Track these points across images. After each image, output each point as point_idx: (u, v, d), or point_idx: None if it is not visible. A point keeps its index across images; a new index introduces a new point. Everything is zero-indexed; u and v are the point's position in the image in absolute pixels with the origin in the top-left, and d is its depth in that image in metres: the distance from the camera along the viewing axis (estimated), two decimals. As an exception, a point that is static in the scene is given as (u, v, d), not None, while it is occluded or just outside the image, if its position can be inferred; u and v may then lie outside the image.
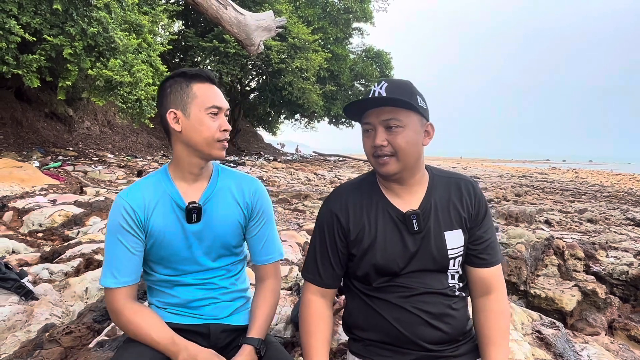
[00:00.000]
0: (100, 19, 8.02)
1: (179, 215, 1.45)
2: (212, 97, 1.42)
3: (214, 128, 1.41)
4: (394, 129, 1.32)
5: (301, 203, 7.41)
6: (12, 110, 11.69)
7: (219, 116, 1.44)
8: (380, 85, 1.34)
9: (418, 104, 1.33)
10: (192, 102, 1.40)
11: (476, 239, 1.43)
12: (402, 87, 1.34)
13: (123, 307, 1.37)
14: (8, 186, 6.17)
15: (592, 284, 3.44)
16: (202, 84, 1.42)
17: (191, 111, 1.40)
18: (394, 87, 1.33)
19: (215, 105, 1.42)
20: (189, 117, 1.41)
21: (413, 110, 1.32)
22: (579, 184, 18.70)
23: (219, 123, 1.43)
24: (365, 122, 1.37)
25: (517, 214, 6.43)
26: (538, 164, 62.08)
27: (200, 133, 1.40)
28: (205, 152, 1.43)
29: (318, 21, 23.01)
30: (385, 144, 1.32)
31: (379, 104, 1.32)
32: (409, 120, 1.33)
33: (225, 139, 1.45)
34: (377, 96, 1.31)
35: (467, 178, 1.50)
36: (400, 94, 1.31)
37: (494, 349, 1.37)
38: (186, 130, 1.41)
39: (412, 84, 1.37)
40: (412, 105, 1.30)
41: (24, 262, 3.17)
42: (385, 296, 1.40)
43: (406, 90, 1.33)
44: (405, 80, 1.37)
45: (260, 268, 1.60)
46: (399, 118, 1.31)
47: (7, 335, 2.00)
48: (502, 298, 1.44)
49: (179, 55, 22.09)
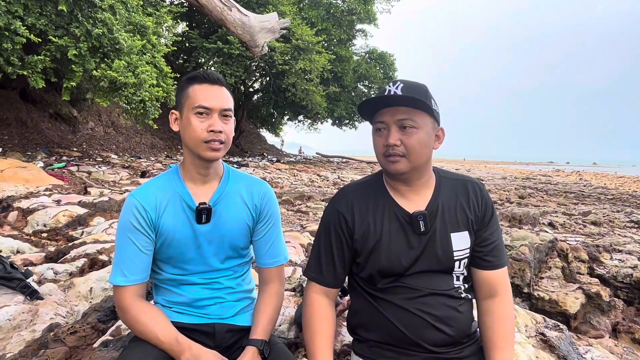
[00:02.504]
0: (105, 20, 8.05)
1: (189, 215, 1.46)
2: (202, 97, 1.40)
3: (200, 129, 1.40)
4: (408, 129, 1.32)
5: (304, 204, 7.41)
6: (17, 111, 11.72)
7: (210, 116, 1.41)
8: (396, 85, 1.33)
9: (432, 107, 1.33)
10: (185, 103, 1.42)
11: (482, 241, 1.44)
12: (418, 89, 1.34)
13: (130, 305, 1.38)
14: (13, 186, 6.19)
15: (596, 287, 3.43)
16: (199, 85, 1.42)
17: (184, 112, 1.43)
18: (410, 88, 1.33)
19: (201, 105, 1.39)
20: (182, 117, 1.44)
21: (428, 112, 1.33)
22: (582, 187, 18.62)
23: (209, 123, 1.40)
24: (379, 120, 1.37)
25: (521, 216, 6.41)
26: (542, 166, 61.92)
27: (188, 133, 1.41)
28: (195, 153, 1.43)
29: (322, 23, 23.01)
30: (399, 144, 1.32)
31: (397, 103, 1.32)
32: (423, 122, 1.33)
33: (214, 140, 1.41)
34: (393, 95, 1.31)
35: (474, 180, 1.50)
36: (416, 94, 1.31)
37: (498, 352, 1.36)
38: (181, 131, 1.44)
39: (427, 87, 1.37)
40: (429, 107, 1.31)
41: (28, 261, 3.19)
42: (390, 297, 1.40)
43: (422, 93, 1.33)
44: (421, 83, 1.37)
45: (265, 271, 1.61)
46: (414, 119, 1.31)
47: (13, 334, 2.01)
48: (507, 301, 1.43)
49: (182, 57, 22.12)
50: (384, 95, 1.32)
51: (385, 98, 1.32)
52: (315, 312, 1.46)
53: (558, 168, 53.35)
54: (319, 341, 1.41)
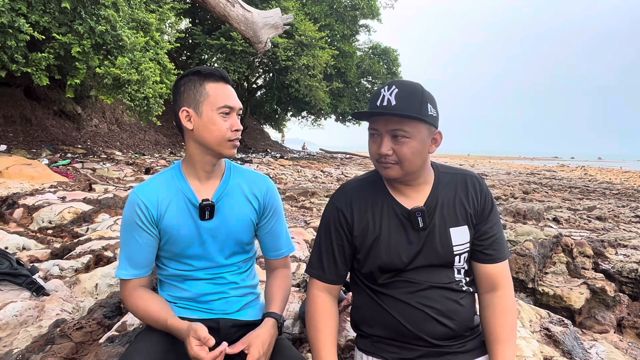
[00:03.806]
0: (108, 17, 8.06)
1: (192, 212, 1.47)
2: (225, 96, 1.43)
3: (225, 128, 1.42)
4: (400, 139, 1.30)
5: (308, 200, 7.42)
6: (22, 109, 11.77)
7: (231, 116, 1.45)
8: (390, 90, 1.30)
9: (428, 112, 1.31)
10: (205, 101, 1.42)
11: (482, 235, 1.43)
12: (412, 96, 1.30)
13: (130, 294, 1.47)
14: (18, 183, 6.23)
15: (601, 282, 3.41)
16: (215, 83, 1.43)
17: (203, 110, 1.42)
18: (404, 95, 1.29)
19: (227, 105, 1.43)
20: (200, 116, 1.42)
21: (422, 120, 1.31)
22: (587, 182, 18.56)
23: (231, 123, 1.44)
24: (372, 127, 1.36)
25: (525, 211, 6.39)
26: (546, 162, 61.65)
27: (211, 132, 1.42)
28: (216, 151, 1.45)
29: (325, 18, 22.96)
30: (390, 153, 1.32)
31: (387, 115, 1.30)
32: (416, 131, 1.31)
33: (237, 139, 1.46)
34: (385, 104, 1.29)
35: (472, 174, 1.49)
36: (409, 102, 1.29)
37: (501, 346, 1.36)
38: (198, 129, 1.43)
39: (422, 89, 1.33)
40: (421, 118, 1.29)
41: (34, 258, 3.21)
42: (391, 292, 1.40)
43: (416, 99, 1.30)
44: (416, 84, 1.34)
45: (271, 261, 1.67)
46: (406, 129, 1.29)
47: (19, 330, 2.02)
48: (508, 294, 1.43)
49: (186, 53, 22.17)
50: (376, 107, 1.31)
51: (374, 113, 1.32)
52: (319, 309, 1.46)
53: (563, 163, 53.15)
54: (322, 338, 1.42)
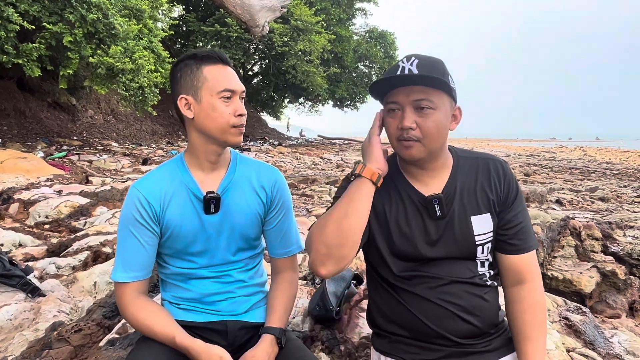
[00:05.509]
0: (100, 5, 7.87)
1: (196, 206, 1.37)
2: (224, 80, 1.32)
3: (228, 113, 1.31)
4: (426, 110, 1.20)
5: (309, 188, 7.32)
6: (15, 101, 11.60)
7: (233, 100, 1.33)
8: (410, 61, 1.22)
9: (450, 84, 1.22)
10: (203, 86, 1.31)
11: (506, 223, 1.33)
12: (435, 65, 1.22)
13: (129, 302, 1.33)
14: (13, 177, 6.12)
15: (610, 265, 3.35)
16: (213, 65, 1.32)
17: (202, 96, 1.31)
18: (426, 64, 1.21)
19: (228, 89, 1.31)
20: (200, 102, 1.31)
21: (446, 91, 1.21)
22: (587, 162, 18.52)
23: (234, 107, 1.33)
24: (392, 101, 1.25)
25: (528, 194, 6.32)
26: (544, 143, 61.65)
27: (213, 119, 1.31)
28: (220, 139, 1.34)
29: (320, 2, 22.68)
30: (414, 127, 1.22)
31: (413, 82, 1.20)
32: (441, 102, 1.22)
33: (241, 125, 1.35)
34: (407, 73, 1.20)
35: (496, 157, 1.38)
36: (433, 71, 1.19)
37: (530, 344, 1.27)
38: (199, 117, 1.32)
39: (444, 63, 1.25)
40: (447, 86, 1.19)
41: (30, 256, 3.12)
42: (410, 287, 1.31)
43: (439, 69, 1.22)
44: (437, 57, 1.25)
45: (278, 261, 1.53)
46: (432, 99, 1.20)
47: (14, 334, 1.93)
48: (537, 288, 1.33)
49: (180, 41, 21.88)
50: (399, 75, 1.21)
51: (398, 78, 1.21)
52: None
53: (561, 144, 53.14)
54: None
